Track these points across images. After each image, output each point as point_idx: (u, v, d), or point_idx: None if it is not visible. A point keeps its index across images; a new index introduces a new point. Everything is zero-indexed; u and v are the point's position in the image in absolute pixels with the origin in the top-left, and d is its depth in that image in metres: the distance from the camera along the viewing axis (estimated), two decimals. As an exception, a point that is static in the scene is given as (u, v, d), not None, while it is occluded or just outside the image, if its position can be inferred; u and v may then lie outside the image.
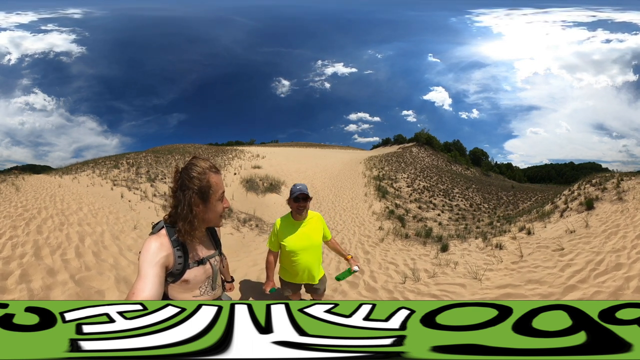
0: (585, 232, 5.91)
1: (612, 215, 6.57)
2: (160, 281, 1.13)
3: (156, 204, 9.50)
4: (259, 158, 20.54)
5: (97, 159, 16.35)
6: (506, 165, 28.97)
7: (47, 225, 5.12)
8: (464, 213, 16.29)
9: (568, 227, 6.48)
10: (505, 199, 20.77)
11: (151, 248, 1.19)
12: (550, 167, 26.89)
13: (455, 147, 30.05)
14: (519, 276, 4.34)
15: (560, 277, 4.04)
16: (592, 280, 3.81)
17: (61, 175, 12.57)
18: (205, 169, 1.26)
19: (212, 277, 1.39)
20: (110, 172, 13.26)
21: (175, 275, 1.25)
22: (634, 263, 3.99)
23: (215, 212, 1.30)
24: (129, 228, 6.23)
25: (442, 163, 27.80)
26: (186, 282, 1.29)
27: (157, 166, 15.43)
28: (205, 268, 1.35)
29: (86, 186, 10.55)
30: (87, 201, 7.90)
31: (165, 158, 17.27)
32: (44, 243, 4.16)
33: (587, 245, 5.11)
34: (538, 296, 3.65)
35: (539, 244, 5.88)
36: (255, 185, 14.49)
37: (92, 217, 6.44)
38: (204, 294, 1.37)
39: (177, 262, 1.25)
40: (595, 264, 4.20)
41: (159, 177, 13.29)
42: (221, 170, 15.21)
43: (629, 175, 9.83)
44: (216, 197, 1.28)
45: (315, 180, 16.95)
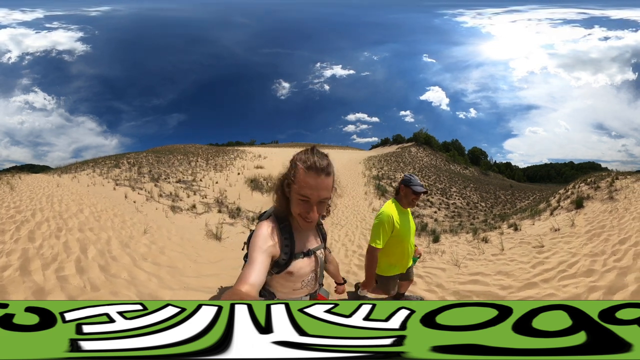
0: (569, 231, 5.93)
1: (599, 215, 6.50)
2: (266, 268, 1.12)
3: (163, 204, 9.17)
4: (260, 158, 20.59)
5: (97, 158, 16.28)
6: (505, 164, 29.00)
7: (41, 231, 4.37)
8: (460, 211, 16.40)
9: (553, 225, 6.56)
10: (503, 198, 20.79)
11: (262, 233, 1.19)
12: (549, 166, 26.90)
13: (453, 147, 30.10)
14: (493, 267, 4.66)
15: (529, 273, 4.23)
16: (555, 281, 3.84)
17: (60, 175, 12.12)
18: (302, 160, 1.18)
19: (317, 271, 1.35)
20: (112, 172, 13.00)
21: (281, 265, 1.23)
22: (607, 272, 3.74)
23: (293, 207, 1.21)
24: (138, 233, 5.70)
25: (441, 162, 27.83)
26: (290, 273, 1.26)
27: (159, 166, 15.38)
28: (311, 260, 1.31)
29: (87, 186, 10.18)
30: (88, 202, 7.29)
31: (167, 158, 17.21)
32: (35, 254, 3.43)
33: (566, 245, 5.12)
34: (498, 287, 3.89)
35: (522, 240, 6.11)
36: (260, 185, 14.73)
37: (95, 220, 5.79)
38: (305, 287, 1.33)
39: (284, 251, 1.22)
40: (567, 265, 4.23)
41: (162, 177, 13.14)
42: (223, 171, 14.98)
43: (624, 174, 9.76)
44: (295, 193, 1.18)
45: None
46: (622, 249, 4.27)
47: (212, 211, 9.50)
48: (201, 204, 10.16)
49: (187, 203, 9.95)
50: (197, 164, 17.26)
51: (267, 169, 17.55)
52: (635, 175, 9.17)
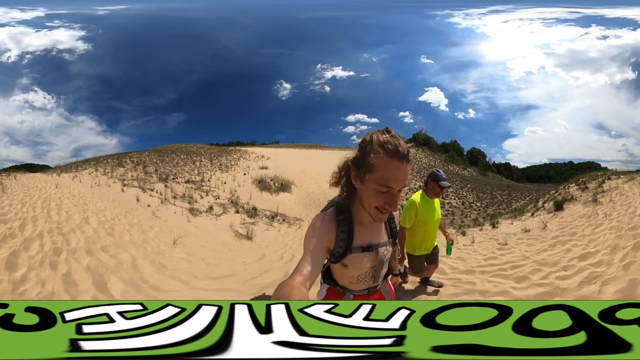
0: (538, 234, 5.96)
1: (576, 220, 6.21)
2: (320, 259, 1.11)
3: (182, 207, 8.44)
4: (264, 159, 20.64)
5: (98, 157, 16.02)
6: (504, 164, 28.97)
7: (28, 254, 3.00)
8: (454, 210, 16.57)
9: (526, 226, 6.73)
10: (499, 198, 20.82)
11: (315, 225, 1.17)
12: (549, 166, 26.84)
13: (452, 148, 30.17)
14: (458, 253, 5.24)
15: (478, 263, 4.70)
16: (487, 275, 4.13)
17: (59, 174, 10.96)
18: (380, 144, 1.03)
19: (377, 267, 1.28)
20: (116, 171, 12.31)
21: (336, 257, 1.21)
22: (537, 286, 3.51)
23: (367, 198, 1.09)
24: (167, 245, 4.79)
25: (440, 163, 27.91)
26: (345, 265, 1.23)
27: (164, 165, 15.11)
28: (371, 256, 1.24)
29: (90, 187, 9.12)
30: (94, 208, 6.03)
31: (171, 158, 17.01)
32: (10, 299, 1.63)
33: (528, 247, 5.18)
34: (449, 267, 4.44)
35: (493, 237, 6.51)
36: (268, 185, 14.88)
37: (107, 234, 4.45)
38: (361, 282, 1.30)
39: (338, 244, 1.18)
40: (510, 266, 4.34)
41: (171, 177, 12.71)
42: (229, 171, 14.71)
43: (618, 173, 9.50)
44: (372, 183, 1.05)
45: (320, 180, 17.54)
46: (577, 266, 3.84)
47: (229, 212, 9.23)
48: (216, 204, 9.87)
49: (203, 205, 9.52)
50: (202, 163, 17.23)
51: (271, 169, 17.65)
52: (629, 175, 8.72)
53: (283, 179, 16.11)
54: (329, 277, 1.39)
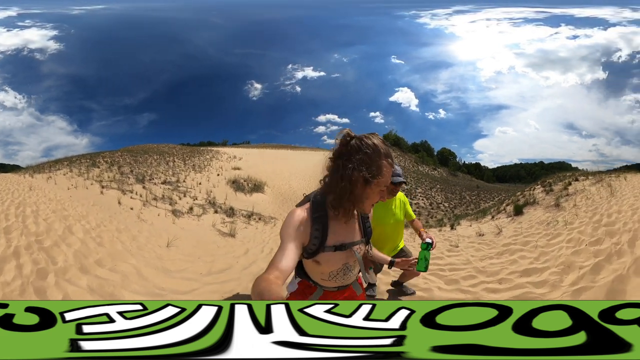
0: (491, 239, 5.80)
1: (532, 227, 5.69)
2: (295, 254, 1.13)
3: (164, 209, 8.52)
4: (236, 159, 20.74)
5: (70, 157, 15.54)
6: (474, 165, 28.89)
7: (2, 279, 2.34)
8: (421, 210, 16.73)
9: (480, 230, 6.61)
10: (468, 199, 20.84)
11: (291, 220, 1.19)
12: (519, 166, 26.72)
13: (423, 148, 30.21)
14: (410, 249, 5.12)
15: None
16: (422, 274, 3.87)
17: (32, 175, 10.01)
18: (385, 154, 1.20)
19: (349, 265, 1.32)
20: (91, 171, 11.80)
21: (309, 253, 1.23)
22: (463, 293, 3.37)
23: (370, 200, 1.23)
24: (162, 249, 4.62)
25: (410, 164, 28.03)
26: (317, 262, 1.26)
27: (138, 166, 14.82)
28: (344, 254, 1.28)
29: (67, 189, 8.49)
30: (75, 214, 5.36)
31: (144, 158, 16.71)
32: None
33: (475, 252, 5.07)
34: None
35: (447, 238, 6.50)
36: (242, 186, 15.23)
37: (97, 244, 3.91)
38: (332, 279, 1.32)
39: (312, 242, 1.21)
40: (450, 268, 4.29)
41: (147, 178, 12.55)
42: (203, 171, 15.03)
43: (587, 174, 9.13)
44: (377, 187, 1.20)
45: (292, 180, 17.84)
46: (514, 281, 3.43)
47: (208, 212, 9.57)
48: (196, 205, 10.16)
49: (183, 206, 9.72)
50: (175, 164, 17.18)
51: (244, 169, 17.93)
52: (598, 176, 8.25)
53: (256, 179, 16.45)
54: (302, 271, 1.40)
